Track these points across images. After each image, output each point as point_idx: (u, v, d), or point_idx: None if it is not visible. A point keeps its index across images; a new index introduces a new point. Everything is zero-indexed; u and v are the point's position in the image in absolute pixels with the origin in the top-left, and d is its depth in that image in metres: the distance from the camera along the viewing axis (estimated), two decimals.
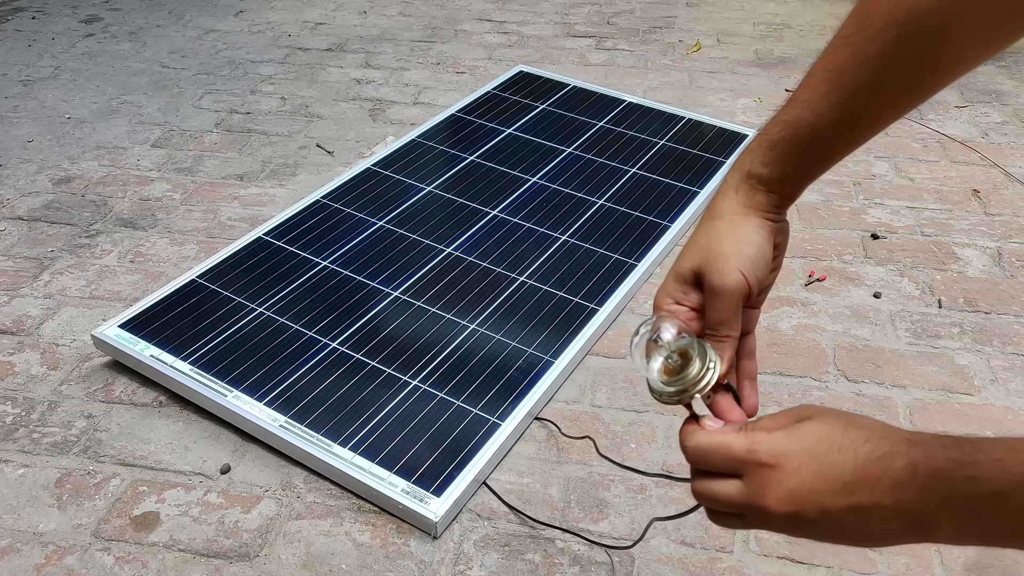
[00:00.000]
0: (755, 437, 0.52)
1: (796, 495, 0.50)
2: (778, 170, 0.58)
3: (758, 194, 0.59)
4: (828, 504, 0.49)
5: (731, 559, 1.04)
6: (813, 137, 0.56)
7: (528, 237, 1.57)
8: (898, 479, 0.47)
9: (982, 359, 1.35)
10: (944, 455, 0.46)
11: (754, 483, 0.52)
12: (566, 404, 1.27)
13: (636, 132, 1.94)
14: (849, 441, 0.49)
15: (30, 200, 1.74)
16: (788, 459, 0.50)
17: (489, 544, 1.06)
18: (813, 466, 0.50)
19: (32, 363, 1.33)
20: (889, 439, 0.48)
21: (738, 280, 0.57)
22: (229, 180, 1.82)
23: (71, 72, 2.30)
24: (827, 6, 2.76)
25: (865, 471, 0.48)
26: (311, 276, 1.45)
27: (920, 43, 0.52)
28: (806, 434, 0.51)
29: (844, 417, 0.51)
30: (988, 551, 1.05)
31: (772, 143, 0.58)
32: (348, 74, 2.31)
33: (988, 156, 1.91)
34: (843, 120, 0.56)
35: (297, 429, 1.17)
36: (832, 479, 0.49)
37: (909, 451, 0.47)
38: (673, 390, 0.56)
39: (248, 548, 1.05)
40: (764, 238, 0.58)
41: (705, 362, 0.56)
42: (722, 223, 0.59)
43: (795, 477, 0.50)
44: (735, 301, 0.57)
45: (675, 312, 0.60)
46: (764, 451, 0.51)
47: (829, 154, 0.58)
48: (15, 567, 1.02)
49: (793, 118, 0.57)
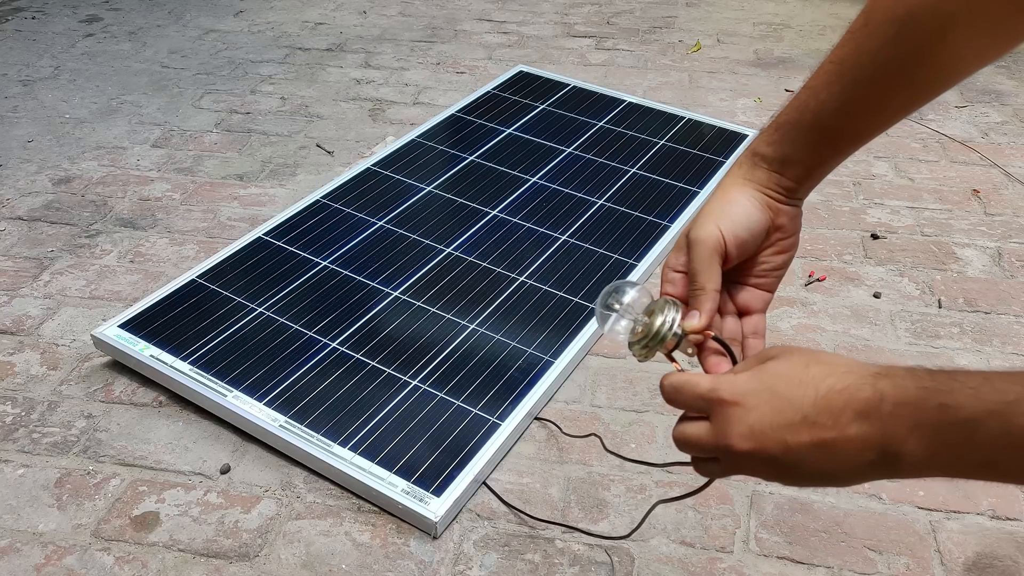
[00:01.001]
0: (719, 378, 0.54)
1: (756, 431, 0.50)
2: (781, 150, 0.60)
3: (759, 170, 0.61)
4: (789, 440, 0.49)
5: (731, 559, 1.04)
6: (816, 123, 0.58)
7: (528, 237, 1.57)
8: (862, 409, 0.47)
9: (982, 359, 1.35)
10: (916, 384, 0.46)
11: (718, 421, 0.53)
12: (566, 404, 1.27)
13: (636, 132, 1.94)
14: (810, 376, 0.50)
15: (30, 200, 1.74)
16: (748, 396, 0.51)
17: (489, 544, 1.06)
18: (773, 402, 0.50)
19: (32, 363, 1.33)
20: (855, 373, 0.49)
21: (712, 233, 0.59)
22: (229, 180, 1.82)
23: (71, 72, 2.30)
24: (827, 6, 2.76)
25: (827, 404, 0.48)
26: (311, 276, 1.45)
27: (919, 39, 0.53)
28: (768, 373, 0.52)
29: (809, 354, 0.52)
30: (988, 551, 1.05)
31: (778, 125, 0.60)
32: (348, 74, 2.31)
33: (988, 156, 1.91)
34: (844, 109, 0.57)
35: (297, 429, 1.17)
36: (790, 414, 0.49)
37: (876, 382, 0.47)
38: (638, 342, 0.61)
39: (248, 548, 1.05)
40: (754, 206, 0.60)
41: (664, 314, 0.60)
42: (718, 190, 0.62)
43: (755, 413, 0.51)
44: (707, 252, 0.59)
45: (675, 280, 0.63)
46: (726, 389, 0.52)
47: (833, 142, 0.59)
48: (15, 567, 1.02)
49: (799, 103, 0.59)
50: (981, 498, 1.12)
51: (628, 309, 0.63)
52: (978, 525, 1.08)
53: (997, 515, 1.10)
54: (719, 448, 0.53)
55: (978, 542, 1.06)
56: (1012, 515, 1.09)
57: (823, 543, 1.06)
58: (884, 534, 1.07)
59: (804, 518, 1.09)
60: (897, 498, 1.12)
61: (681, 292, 0.63)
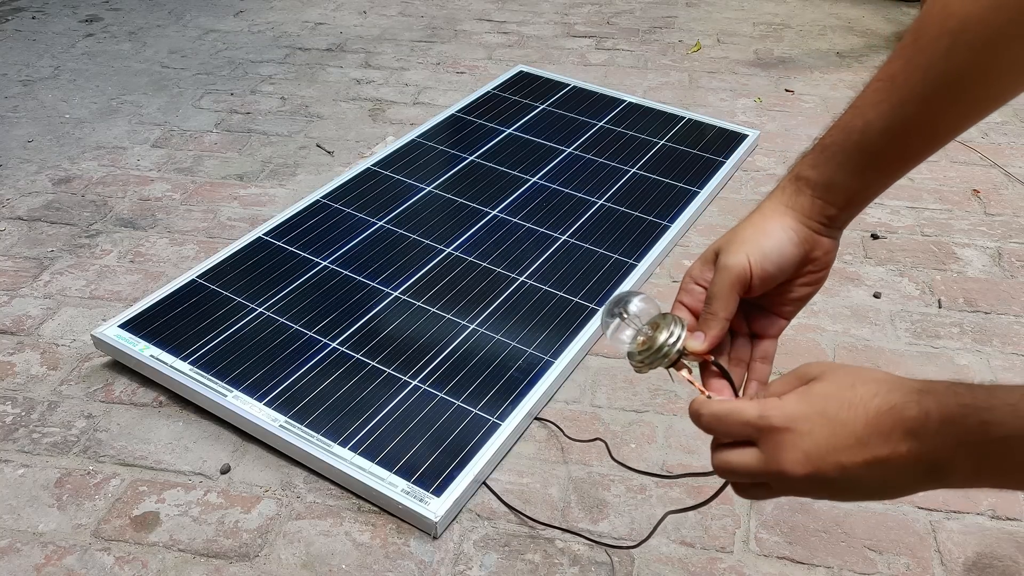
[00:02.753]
0: (766, 403, 0.53)
1: (812, 456, 0.51)
2: (826, 174, 0.58)
3: (802, 197, 0.59)
4: (845, 461, 0.50)
5: (731, 559, 1.04)
6: (863, 144, 0.56)
7: (528, 237, 1.57)
8: (911, 428, 0.47)
9: (982, 359, 1.35)
10: (956, 402, 0.46)
11: (769, 448, 0.53)
12: (566, 404, 1.27)
13: (636, 132, 1.94)
14: (858, 397, 0.50)
15: (30, 200, 1.74)
16: (800, 422, 0.51)
17: (489, 544, 1.06)
18: (826, 426, 0.51)
19: (32, 363, 1.33)
20: (899, 390, 0.49)
21: (739, 262, 0.59)
22: (229, 180, 1.82)
23: (71, 72, 2.30)
24: (827, 6, 2.76)
25: (877, 424, 0.49)
26: (311, 276, 1.45)
27: (971, 53, 0.52)
28: (815, 395, 0.52)
29: (852, 373, 0.52)
30: (988, 551, 1.05)
31: (823, 147, 0.58)
32: (348, 74, 2.31)
33: (988, 156, 1.91)
34: (892, 129, 0.55)
35: (297, 429, 1.17)
36: (845, 436, 0.50)
37: (920, 400, 0.48)
38: (639, 353, 0.61)
39: (248, 548, 1.05)
40: (790, 239, 0.59)
41: (669, 331, 0.60)
42: (757, 215, 0.61)
43: (809, 439, 0.51)
44: (729, 280, 0.59)
45: (692, 291, 0.63)
46: (776, 415, 0.52)
47: (879, 164, 0.57)
48: (15, 567, 1.02)
49: (845, 123, 0.57)
50: (981, 498, 1.12)
51: (634, 319, 0.63)
52: (978, 525, 1.08)
53: (997, 515, 1.10)
54: (771, 474, 0.53)
55: (978, 542, 1.06)
56: (1012, 515, 1.09)
57: (823, 543, 1.06)
58: (884, 534, 1.07)
59: (804, 518, 1.09)
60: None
61: (695, 304, 0.62)
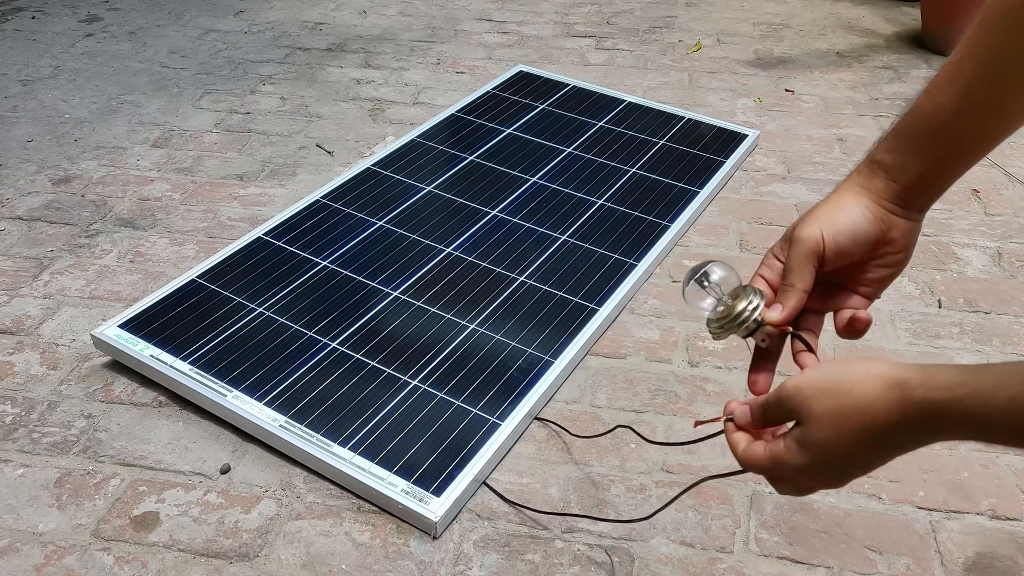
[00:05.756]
0: (775, 449, 0.59)
1: (837, 477, 0.57)
2: (900, 158, 0.59)
3: (876, 179, 0.61)
4: (871, 461, 0.56)
5: (731, 559, 1.04)
6: (934, 126, 0.57)
7: (528, 237, 1.57)
8: (912, 438, 0.52)
9: (982, 359, 1.35)
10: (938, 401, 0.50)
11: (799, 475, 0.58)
12: (566, 404, 1.27)
13: (636, 132, 1.94)
14: (849, 443, 0.54)
15: (30, 200, 1.74)
16: (810, 467, 0.57)
17: (489, 544, 1.06)
18: (834, 465, 0.56)
19: (32, 363, 1.33)
20: (877, 417, 0.52)
21: (812, 235, 0.61)
22: (229, 180, 1.82)
23: (71, 72, 2.30)
24: (827, 6, 2.76)
25: (875, 450, 0.54)
26: (311, 276, 1.45)
27: None
28: (811, 448, 0.56)
29: (832, 416, 0.55)
30: (988, 551, 1.05)
31: (897, 131, 0.60)
32: (348, 74, 2.31)
33: (988, 156, 1.91)
34: (962, 110, 0.56)
35: (297, 429, 1.17)
36: (853, 465, 0.56)
37: (903, 418, 0.51)
38: (717, 321, 0.65)
39: (248, 548, 1.05)
40: (864, 216, 0.61)
41: (748, 300, 0.63)
42: (833, 195, 0.63)
43: (824, 471, 0.57)
44: (803, 253, 0.61)
45: (773, 266, 0.66)
46: (786, 465, 0.58)
47: (951, 146, 0.58)
48: (15, 567, 1.02)
49: (916, 107, 0.58)
50: (981, 498, 1.12)
51: (715, 287, 0.66)
52: (978, 525, 1.08)
53: (997, 515, 1.10)
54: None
55: (978, 542, 1.06)
56: (1012, 515, 1.09)
57: (823, 543, 1.06)
58: (884, 534, 1.07)
59: (804, 518, 1.09)
60: (897, 498, 1.12)
61: (774, 279, 0.65)
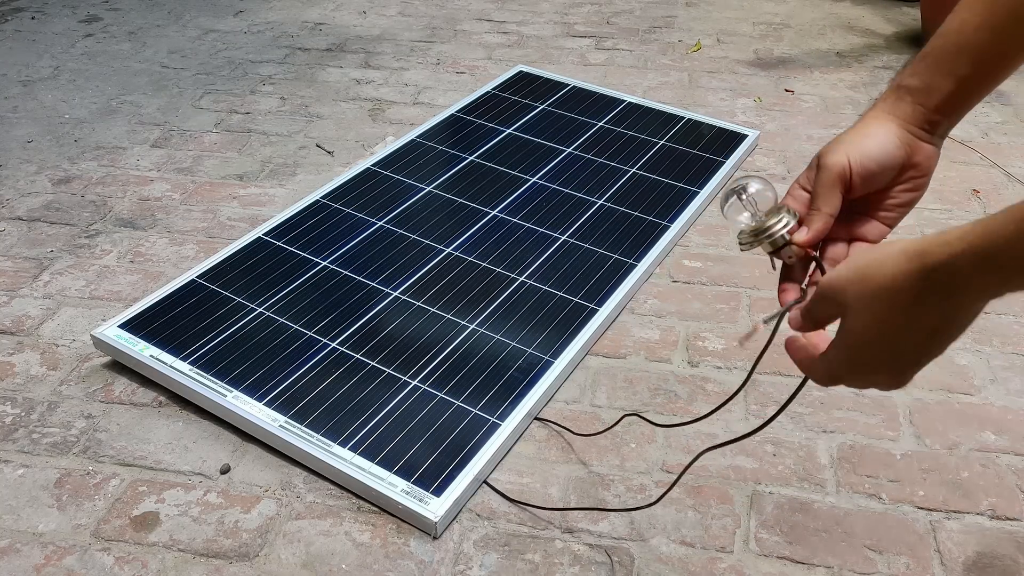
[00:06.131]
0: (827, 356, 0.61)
1: (890, 366, 0.56)
2: (925, 79, 0.60)
3: (903, 104, 0.62)
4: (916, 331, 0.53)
5: (731, 559, 1.04)
6: (959, 43, 0.58)
7: (528, 237, 1.57)
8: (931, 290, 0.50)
9: (982, 359, 1.35)
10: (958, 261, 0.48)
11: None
12: (566, 404, 1.27)
13: (636, 132, 1.94)
14: (885, 324, 0.53)
15: (30, 200, 1.74)
16: (859, 359, 0.57)
17: (489, 544, 1.06)
18: (881, 351, 0.55)
19: (32, 363, 1.33)
20: (903, 288, 0.51)
21: (839, 161, 0.62)
22: (229, 180, 1.82)
23: (71, 72, 2.30)
24: (827, 6, 2.76)
25: (913, 327, 0.52)
26: (311, 276, 1.45)
27: None
28: (855, 337, 0.56)
29: (864, 301, 0.54)
30: (988, 551, 1.05)
31: (923, 55, 0.61)
32: (348, 74, 2.31)
33: (988, 156, 1.91)
34: (987, 24, 0.57)
35: (297, 429, 1.17)
36: (901, 349, 0.54)
37: (927, 284, 0.49)
38: (747, 233, 0.67)
39: (248, 548, 1.05)
40: (891, 141, 0.62)
41: (779, 217, 0.65)
42: (859, 123, 0.64)
43: (874, 360, 0.57)
44: (830, 178, 0.63)
45: (799, 196, 0.67)
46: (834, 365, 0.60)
47: (976, 62, 0.58)
48: (15, 567, 1.02)
49: (942, 30, 0.59)
50: (981, 498, 1.12)
51: (751, 201, 0.69)
52: (978, 525, 1.08)
53: (997, 515, 1.10)
54: None
55: (978, 542, 1.06)
56: (1012, 515, 1.09)
57: (823, 543, 1.06)
58: (884, 534, 1.07)
59: (804, 518, 1.09)
60: (897, 498, 1.12)
61: (801, 208, 0.66)
